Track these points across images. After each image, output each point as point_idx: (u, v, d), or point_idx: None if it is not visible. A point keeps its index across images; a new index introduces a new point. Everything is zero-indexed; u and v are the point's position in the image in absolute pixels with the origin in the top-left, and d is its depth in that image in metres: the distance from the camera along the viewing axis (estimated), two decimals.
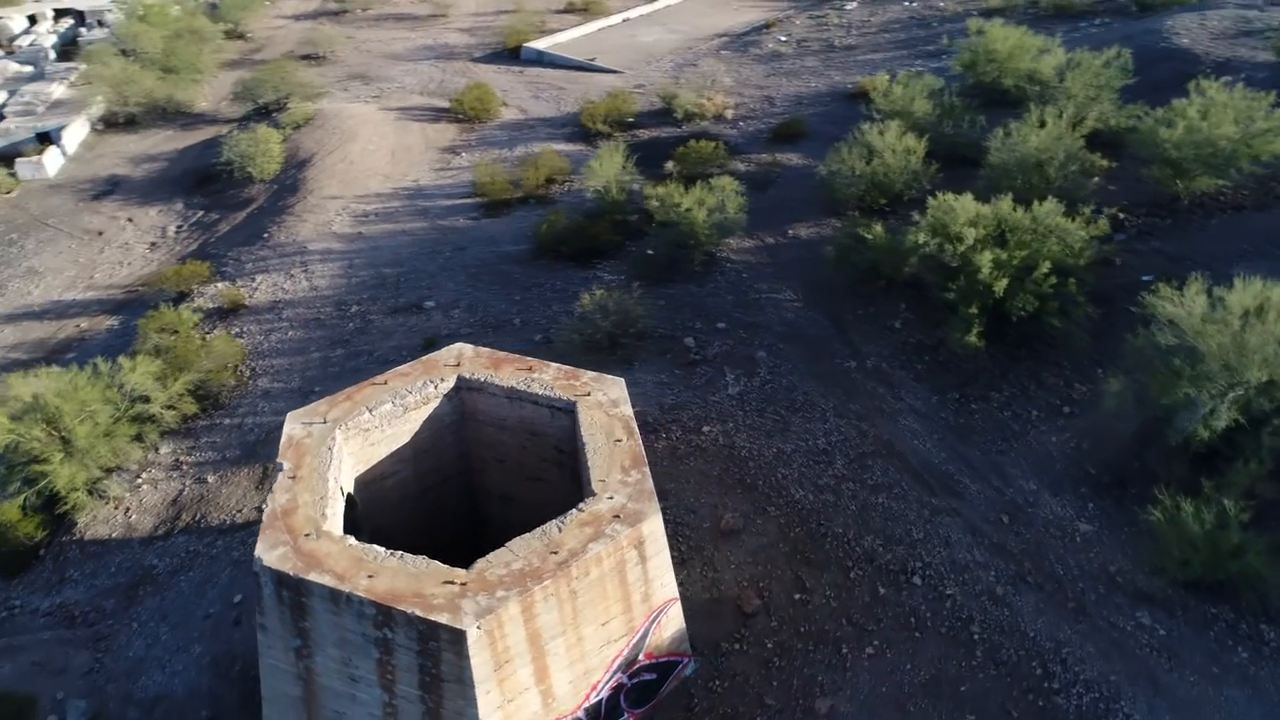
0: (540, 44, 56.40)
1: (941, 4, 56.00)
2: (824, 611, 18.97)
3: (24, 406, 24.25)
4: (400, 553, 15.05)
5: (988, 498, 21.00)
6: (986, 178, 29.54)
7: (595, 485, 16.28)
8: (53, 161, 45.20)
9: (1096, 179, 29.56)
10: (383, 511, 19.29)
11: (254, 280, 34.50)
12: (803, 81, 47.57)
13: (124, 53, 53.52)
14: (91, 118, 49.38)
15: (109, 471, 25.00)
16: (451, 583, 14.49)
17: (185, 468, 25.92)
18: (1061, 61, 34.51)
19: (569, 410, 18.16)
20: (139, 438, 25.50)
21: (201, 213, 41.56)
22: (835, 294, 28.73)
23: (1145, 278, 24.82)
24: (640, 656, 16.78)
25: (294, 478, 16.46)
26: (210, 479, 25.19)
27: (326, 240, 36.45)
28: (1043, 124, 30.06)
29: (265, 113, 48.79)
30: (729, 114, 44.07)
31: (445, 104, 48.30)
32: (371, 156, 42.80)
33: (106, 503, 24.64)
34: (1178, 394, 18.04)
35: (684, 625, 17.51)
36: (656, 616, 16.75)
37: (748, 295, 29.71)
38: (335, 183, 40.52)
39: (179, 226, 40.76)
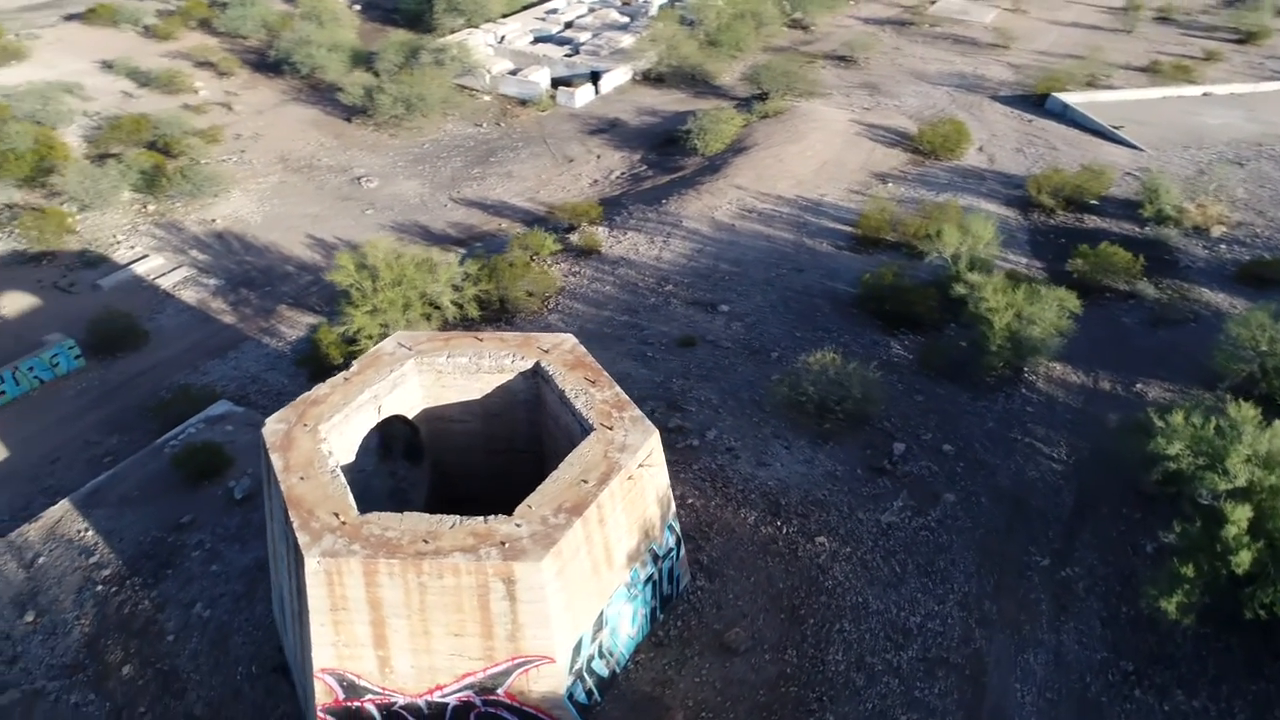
0: (1073, 97, 49.92)
1: None
2: None
3: (372, 263, 30.78)
4: (339, 473, 16.66)
5: None
6: None
7: (520, 509, 15.89)
8: (583, 96, 53.97)
9: None
10: (448, 451, 20.99)
11: (623, 234, 37.97)
12: None
13: (686, 21, 60.69)
14: (637, 69, 57.35)
15: None
16: (337, 516, 15.73)
17: None
18: None
19: (588, 434, 17.64)
20: (428, 317, 30.64)
21: (645, 167, 46.40)
22: (1110, 477, 22.09)
23: None
24: (500, 692, 16.20)
25: (347, 379, 18.98)
26: None
27: (701, 222, 38.27)
28: None
29: (760, 97, 51.76)
30: (1215, 230, 34.82)
31: (916, 131, 46.02)
32: (802, 161, 43.12)
33: None
34: None
35: (563, 693, 16.31)
36: (524, 665, 15.92)
37: (1010, 432, 24.34)
38: (751, 175, 41.91)
39: (622, 173, 46.14)
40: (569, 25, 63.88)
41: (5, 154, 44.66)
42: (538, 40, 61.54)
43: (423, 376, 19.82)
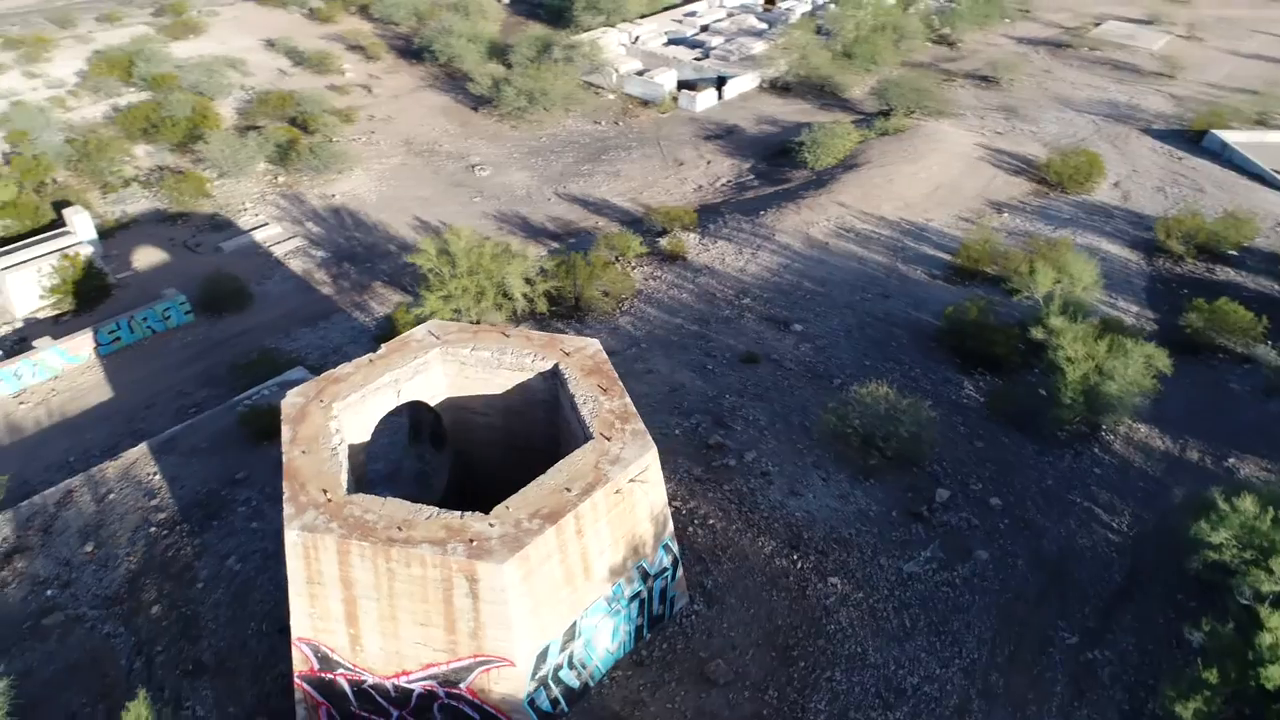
0: (1235, 136, 45.62)
1: None
2: None
3: (453, 250, 31.63)
4: (340, 450, 17.18)
5: None
6: None
7: (497, 509, 15.91)
8: (705, 101, 53.64)
9: None
10: (470, 444, 21.31)
11: (713, 243, 37.47)
12: None
13: (822, 31, 59.32)
14: (764, 76, 56.50)
15: (467, 319, 31.38)
16: (325, 493, 16.22)
17: None
18: None
19: (588, 440, 17.48)
20: (499, 307, 31.19)
21: (752, 177, 45.64)
22: (1169, 557, 19.99)
23: None
24: (462, 688, 16.29)
25: (371, 361, 19.55)
26: None
27: (794, 238, 37.30)
28: None
29: (884, 114, 49.98)
30: None
31: (1045, 159, 43.23)
32: (913, 182, 41.32)
33: None
34: None
35: (522, 697, 16.23)
36: (485, 664, 15.94)
37: (1070, 493, 22.47)
38: (856, 193, 40.51)
39: (728, 181, 45.57)
40: (705, 29, 63.64)
41: (164, 120, 48.64)
42: (671, 42, 61.62)
43: (446, 367, 20.17)
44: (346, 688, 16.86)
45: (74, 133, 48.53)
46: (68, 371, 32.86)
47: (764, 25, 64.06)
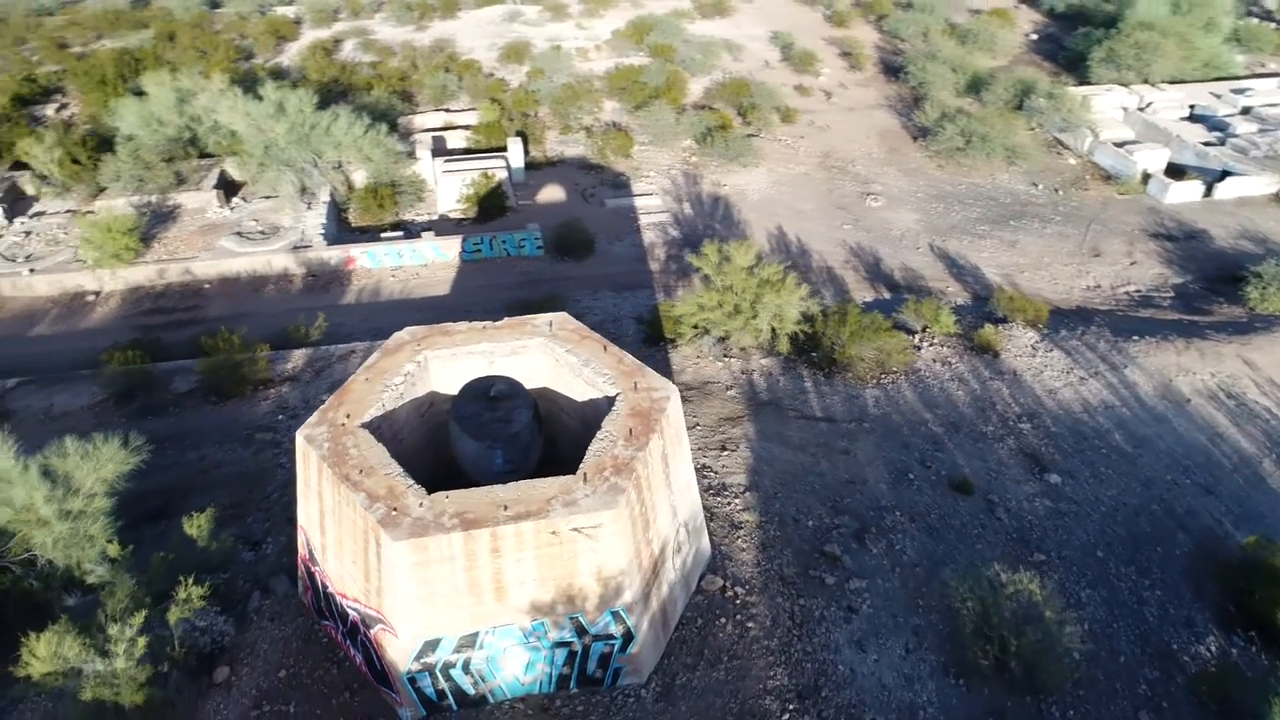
0: None
1: None
2: None
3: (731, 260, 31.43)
4: (393, 388, 19.10)
5: None
6: None
7: (436, 495, 16.44)
8: (1181, 193, 44.32)
9: None
10: (556, 436, 21.74)
11: (1046, 350, 31.73)
12: None
13: None
14: None
15: (725, 344, 31.16)
16: (347, 417, 18.27)
17: (759, 370, 30.07)
18: None
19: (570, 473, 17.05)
20: (745, 329, 30.39)
21: (1170, 294, 37.05)
22: None
23: None
24: (371, 633, 17.40)
25: (484, 328, 21.02)
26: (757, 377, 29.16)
27: (1149, 380, 29.91)
28: None
29: None
30: None
31: None
32: None
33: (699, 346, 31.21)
34: None
35: (403, 671, 16.78)
36: (381, 623, 16.81)
37: None
38: (1262, 360, 30.84)
39: (1136, 290, 37.57)
40: (1245, 111, 51.89)
41: (635, 84, 54.77)
42: (1192, 118, 51.51)
43: (543, 358, 20.80)
44: (319, 585, 19.07)
45: (575, 79, 57.07)
46: (434, 264, 39.96)
47: None
